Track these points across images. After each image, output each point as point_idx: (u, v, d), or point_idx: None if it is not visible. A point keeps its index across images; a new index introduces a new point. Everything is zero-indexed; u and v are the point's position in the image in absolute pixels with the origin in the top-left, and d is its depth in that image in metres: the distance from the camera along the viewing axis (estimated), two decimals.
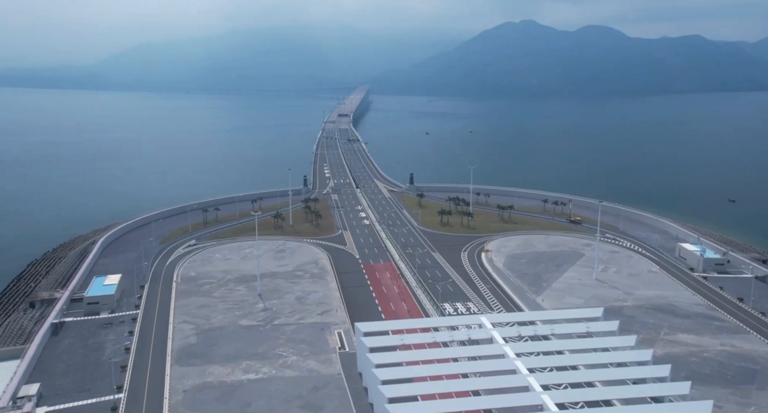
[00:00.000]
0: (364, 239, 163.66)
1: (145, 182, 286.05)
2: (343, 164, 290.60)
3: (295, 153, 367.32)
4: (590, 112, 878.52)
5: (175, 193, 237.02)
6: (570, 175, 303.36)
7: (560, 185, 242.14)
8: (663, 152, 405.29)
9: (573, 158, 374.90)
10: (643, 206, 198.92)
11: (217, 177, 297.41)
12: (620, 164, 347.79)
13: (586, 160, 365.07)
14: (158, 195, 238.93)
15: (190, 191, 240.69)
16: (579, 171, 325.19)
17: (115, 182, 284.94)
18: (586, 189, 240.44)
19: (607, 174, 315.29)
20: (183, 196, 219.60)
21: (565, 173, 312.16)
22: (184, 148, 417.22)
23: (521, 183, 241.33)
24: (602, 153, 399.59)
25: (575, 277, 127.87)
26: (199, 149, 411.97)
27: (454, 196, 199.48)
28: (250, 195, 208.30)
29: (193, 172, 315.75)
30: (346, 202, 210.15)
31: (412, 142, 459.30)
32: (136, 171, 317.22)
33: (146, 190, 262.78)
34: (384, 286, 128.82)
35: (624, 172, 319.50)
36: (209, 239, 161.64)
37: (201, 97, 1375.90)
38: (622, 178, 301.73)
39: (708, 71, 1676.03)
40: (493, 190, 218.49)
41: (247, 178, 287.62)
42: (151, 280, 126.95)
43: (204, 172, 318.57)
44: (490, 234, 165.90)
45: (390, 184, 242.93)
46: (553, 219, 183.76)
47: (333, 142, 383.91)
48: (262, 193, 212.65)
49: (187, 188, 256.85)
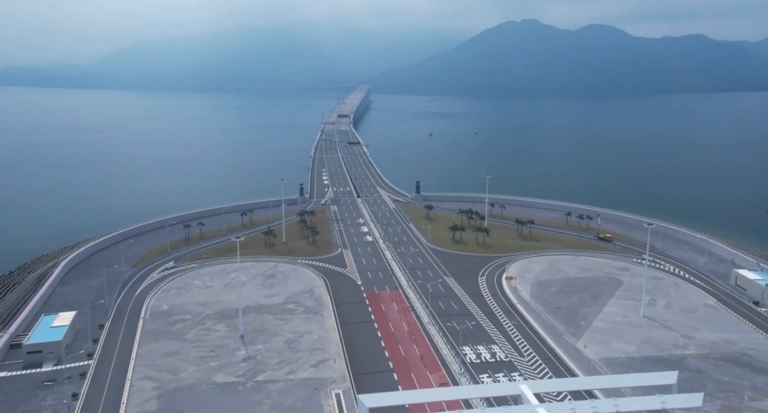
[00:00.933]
0: (367, 260, 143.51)
1: (125, 190, 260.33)
2: (343, 170, 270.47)
3: (292, 156, 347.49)
4: (597, 112, 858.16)
5: (156, 204, 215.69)
6: (588, 183, 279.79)
7: (580, 195, 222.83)
8: (680, 157, 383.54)
9: (588, 163, 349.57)
10: (675, 220, 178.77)
11: (205, 184, 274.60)
12: (639, 170, 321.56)
13: (602, 166, 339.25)
14: (138, 206, 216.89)
15: (173, 201, 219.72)
16: (597, 178, 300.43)
17: (94, 190, 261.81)
18: (607, 198, 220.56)
19: (628, 182, 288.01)
20: (165, 207, 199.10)
21: (584, 181, 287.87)
22: (174, 150, 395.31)
23: (538, 192, 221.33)
24: (619, 158, 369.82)
25: (618, 313, 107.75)
26: (188, 152, 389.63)
27: (467, 209, 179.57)
28: (240, 206, 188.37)
29: (179, 178, 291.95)
30: (346, 213, 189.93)
31: (416, 144, 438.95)
32: (119, 177, 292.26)
33: (126, 199, 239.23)
34: (391, 322, 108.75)
35: (646, 180, 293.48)
36: (190, 260, 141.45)
37: (199, 95, 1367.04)
38: (646, 186, 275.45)
39: (711, 71, 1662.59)
40: (508, 200, 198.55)
41: (238, 185, 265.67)
42: (113, 317, 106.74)
43: (190, 177, 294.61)
44: (510, 254, 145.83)
45: (394, 193, 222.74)
46: (578, 235, 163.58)
47: (332, 144, 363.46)
48: (253, 203, 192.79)
49: (171, 197, 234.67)
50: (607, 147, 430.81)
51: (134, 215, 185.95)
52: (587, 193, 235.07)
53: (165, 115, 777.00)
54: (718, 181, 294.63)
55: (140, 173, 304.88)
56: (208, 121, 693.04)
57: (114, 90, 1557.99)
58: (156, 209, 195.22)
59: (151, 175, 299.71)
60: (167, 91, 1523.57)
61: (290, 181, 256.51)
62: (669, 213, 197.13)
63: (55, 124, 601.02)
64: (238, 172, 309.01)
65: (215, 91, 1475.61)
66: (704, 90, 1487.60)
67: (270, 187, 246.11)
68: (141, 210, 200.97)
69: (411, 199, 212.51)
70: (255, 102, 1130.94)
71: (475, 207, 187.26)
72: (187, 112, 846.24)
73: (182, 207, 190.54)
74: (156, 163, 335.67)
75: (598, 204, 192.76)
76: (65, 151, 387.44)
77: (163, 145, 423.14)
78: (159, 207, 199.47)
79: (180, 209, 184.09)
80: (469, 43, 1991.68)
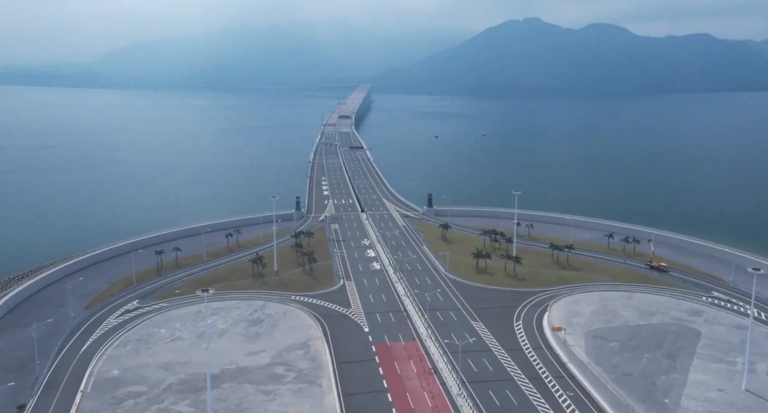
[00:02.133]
0: (375, 296, 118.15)
1: (96, 204, 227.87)
2: (345, 178, 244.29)
3: (289, 162, 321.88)
4: (606, 112, 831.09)
5: (128, 221, 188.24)
6: (625, 195, 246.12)
7: (619, 210, 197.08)
8: (718, 163, 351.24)
9: (617, 172, 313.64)
10: (742, 243, 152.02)
11: (187, 196, 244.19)
12: (678, 180, 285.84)
13: (632, 174, 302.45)
14: (106, 224, 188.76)
15: (148, 217, 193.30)
16: (634, 189, 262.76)
17: (66, 202, 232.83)
18: (648, 214, 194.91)
19: (670, 194, 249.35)
20: (137, 225, 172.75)
21: (620, 193, 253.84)
22: (161, 155, 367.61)
23: (568, 206, 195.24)
24: (650, 165, 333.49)
25: (710, 384, 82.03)
26: (176, 156, 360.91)
27: (490, 228, 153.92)
28: (225, 224, 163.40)
29: (159, 188, 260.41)
30: (349, 232, 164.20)
31: (421, 147, 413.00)
32: (98, 186, 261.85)
33: (94, 216, 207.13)
34: (409, 392, 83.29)
35: (690, 192, 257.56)
36: (160, 298, 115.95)
37: (198, 95, 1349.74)
38: (692, 199, 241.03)
39: (716, 70, 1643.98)
40: (535, 217, 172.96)
41: (226, 197, 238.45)
42: (42, 390, 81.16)
43: (172, 187, 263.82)
44: (547, 289, 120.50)
45: (403, 207, 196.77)
46: (625, 263, 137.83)
47: (333, 148, 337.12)
48: (241, 221, 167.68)
49: (146, 213, 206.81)
50: (632, 152, 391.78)
51: (100, 236, 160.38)
52: (627, 208, 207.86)
53: (160, 115, 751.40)
54: (758, 190, 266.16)
55: (117, 183, 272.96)
56: (203, 122, 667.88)
57: (113, 89, 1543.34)
58: (127, 228, 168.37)
59: (128, 185, 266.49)
60: (166, 90, 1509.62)
61: (286, 191, 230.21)
62: (731, 233, 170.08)
63: (41, 125, 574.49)
64: (227, 181, 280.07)
65: (214, 91, 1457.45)
66: (709, 89, 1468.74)
67: (262, 199, 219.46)
68: (109, 229, 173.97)
69: (422, 213, 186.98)
70: (254, 101, 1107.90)
71: (498, 225, 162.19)
72: (183, 112, 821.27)
73: (158, 225, 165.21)
74: (138, 169, 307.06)
75: (642, 222, 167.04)
76: (41, 155, 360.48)
77: (150, 149, 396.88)
78: (131, 226, 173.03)
79: (155, 228, 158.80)
80: (471, 42, 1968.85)
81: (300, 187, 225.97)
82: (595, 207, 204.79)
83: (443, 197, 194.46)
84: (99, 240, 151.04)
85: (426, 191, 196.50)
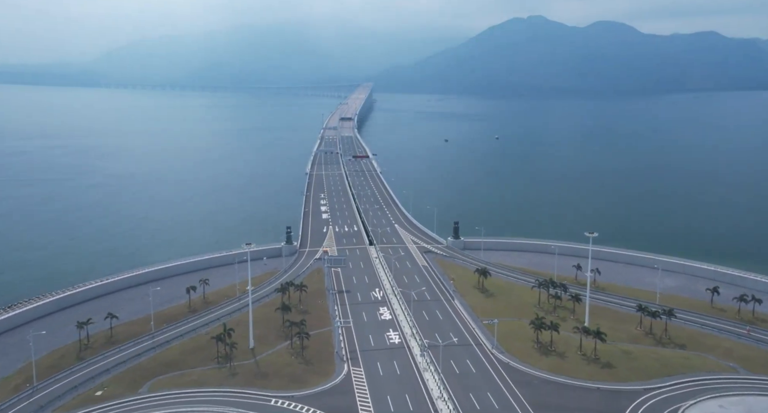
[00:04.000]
0: (396, 397, 78.63)
1: (27, 236, 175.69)
2: (348, 196, 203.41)
3: (284, 172, 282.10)
4: (617, 113, 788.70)
5: (54, 267, 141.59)
6: (682, 220, 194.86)
7: (683, 240, 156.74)
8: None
9: (658, 185, 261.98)
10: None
11: (152, 221, 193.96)
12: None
13: (682, 190, 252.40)
14: (20, 269, 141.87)
15: (88, 258, 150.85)
16: (690, 211, 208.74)
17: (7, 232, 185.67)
18: (736, 249, 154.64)
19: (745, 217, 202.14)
20: (62, 274, 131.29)
21: (674, 216, 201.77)
22: (143, 162, 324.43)
23: (634, 239, 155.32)
24: (699, 179, 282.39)
25: None
26: (158, 164, 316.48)
27: (546, 278, 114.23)
28: (190, 265, 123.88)
29: (121, 212, 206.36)
30: (354, 278, 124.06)
31: (432, 152, 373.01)
32: (53, 206, 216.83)
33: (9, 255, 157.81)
34: None
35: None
36: (71, 408, 76.27)
37: (196, 94, 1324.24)
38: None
39: (724, 69, 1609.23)
40: (596, 254, 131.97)
41: (201, 223, 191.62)
42: None
43: (137, 209, 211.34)
44: (648, 385, 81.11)
45: (422, 236, 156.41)
46: (748, 336, 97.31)
47: (334, 157, 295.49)
48: (211, 260, 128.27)
49: (87, 251, 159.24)
50: (676, 162, 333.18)
51: (27, 286, 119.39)
52: (710, 241, 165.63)
53: (153, 115, 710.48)
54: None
55: (70, 203, 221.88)
56: (197, 123, 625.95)
57: (111, 88, 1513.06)
58: (47, 278, 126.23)
59: (80, 208, 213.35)
60: (164, 89, 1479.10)
61: (277, 213, 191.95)
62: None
63: (24, 127, 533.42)
64: (206, 198, 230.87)
65: (213, 90, 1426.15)
66: (717, 88, 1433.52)
67: (246, 223, 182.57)
68: (24, 278, 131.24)
69: (447, 247, 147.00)
70: (253, 101, 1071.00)
71: (546, 264, 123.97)
72: (178, 112, 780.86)
73: (92, 272, 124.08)
74: (106, 181, 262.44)
75: (741, 262, 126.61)
76: (8, 164, 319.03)
77: (131, 155, 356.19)
78: (47, 275, 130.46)
79: (87, 276, 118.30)
80: (474, 40, 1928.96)
81: (294, 207, 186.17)
82: (662, 238, 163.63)
83: (470, 222, 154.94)
84: (8, 297, 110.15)
85: (445, 212, 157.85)
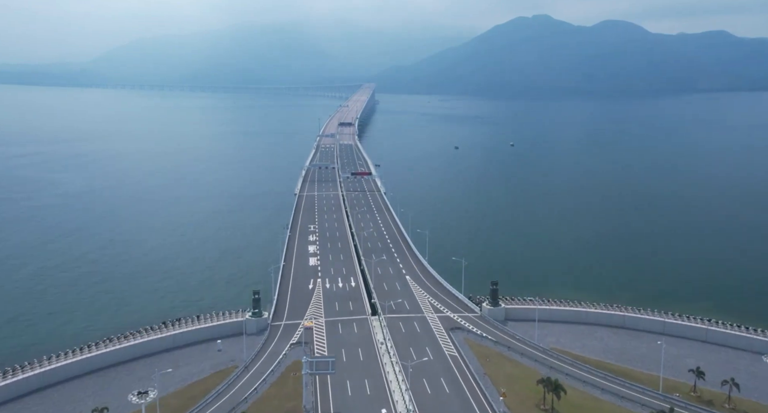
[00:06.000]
0: None
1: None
2: (344, 229, 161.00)
3: (270, 189, 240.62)
4: (636, 115, 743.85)
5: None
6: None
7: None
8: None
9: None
10: None
11: (59, 272, 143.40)
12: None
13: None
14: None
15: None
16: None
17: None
18: None
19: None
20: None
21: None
22: (109, 174, 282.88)
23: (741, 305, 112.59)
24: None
25: None
26: (126, 177, 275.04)
27: (648, 386, 72.90)
28: (95, 360, 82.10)
29: (32, 256, 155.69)
30: (347, 385, 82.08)
31: (442, 164, 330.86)
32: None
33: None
34: None
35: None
36: None
37: (195, 95, 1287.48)
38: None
39: (735, 69, 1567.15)
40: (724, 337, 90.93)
41: (134, 277, 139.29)
42: None
43: (59, 254, 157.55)
44: None
45: (444, 298, 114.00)
46: None
47: (330, 173, 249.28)
48: (126, 350, 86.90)
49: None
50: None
51: None
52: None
53: (146, 117, 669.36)
54: None
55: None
56: (187, 125, 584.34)
57: (108, 88, 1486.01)
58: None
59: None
60: (163, 89, 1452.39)
61: (248, 262, 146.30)
62: None
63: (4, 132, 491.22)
64: (157, 235, 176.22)
65: (213, 90, 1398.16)
66: (729, 89, 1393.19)
67: (205, 279, 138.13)
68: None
69: (482, 317, 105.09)
70: (252, 102, 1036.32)
71: (630, 348, 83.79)
72: (171, 114, 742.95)
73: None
74: (52, 203, 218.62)
75: None
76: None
77: (101, 166, 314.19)
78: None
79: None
80: (478, 39, 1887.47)
81: (273, 249, 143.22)
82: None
83: (507, 274, 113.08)
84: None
85: (474, 258, 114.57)
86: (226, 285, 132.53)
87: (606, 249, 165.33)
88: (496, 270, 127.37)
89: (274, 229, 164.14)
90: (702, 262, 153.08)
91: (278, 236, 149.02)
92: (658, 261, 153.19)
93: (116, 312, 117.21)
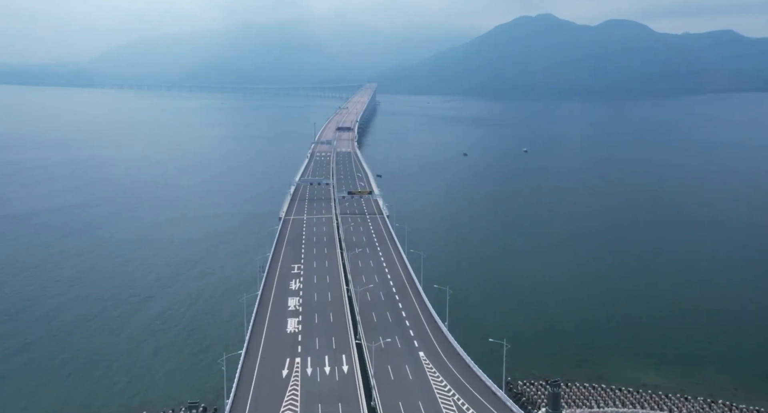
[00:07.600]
0: None
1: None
2: (338, 273, 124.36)
3: (251, 215, 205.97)
4: (651, 117, 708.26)
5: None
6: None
7: None
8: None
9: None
10: None
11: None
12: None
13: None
14: None
15: None
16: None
17: None
18: None
19: None
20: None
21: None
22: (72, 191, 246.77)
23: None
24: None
25: None
26: (90, 195, 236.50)
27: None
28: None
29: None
30: None
31: (450, 172, 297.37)
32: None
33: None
34: None
35: None
36: None
37: (192, 95, 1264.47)
38: None
39: (743, 69, 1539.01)
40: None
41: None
42: None
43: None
44: None
45: (476, 397, 78.68)
46: None
47: (323, 191, 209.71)
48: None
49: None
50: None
51: None
52: None
53: (139, 120, 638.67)
54: None
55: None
56: (177, 131, 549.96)
57: (105, 88, 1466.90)
58: None
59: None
60: (161, 89, 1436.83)
61: (206, 334, 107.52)
62: None
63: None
64: (90, 291, 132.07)
65: (212, 91, 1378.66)
66: (738, 89, 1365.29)
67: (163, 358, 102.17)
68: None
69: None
70: (251, 103, 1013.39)
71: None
72: (164, 116, 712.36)
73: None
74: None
75: None
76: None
77: (70, 178, 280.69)
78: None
79: None
80: (481, 39, 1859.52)
81: (236, 311, 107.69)
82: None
83: (552, 345, 78.98)
84: None
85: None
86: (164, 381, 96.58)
87: (693, 301, 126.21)
88: (545, 347, 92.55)
89: (245, 274, 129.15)
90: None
91: (252, 285, 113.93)
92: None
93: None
